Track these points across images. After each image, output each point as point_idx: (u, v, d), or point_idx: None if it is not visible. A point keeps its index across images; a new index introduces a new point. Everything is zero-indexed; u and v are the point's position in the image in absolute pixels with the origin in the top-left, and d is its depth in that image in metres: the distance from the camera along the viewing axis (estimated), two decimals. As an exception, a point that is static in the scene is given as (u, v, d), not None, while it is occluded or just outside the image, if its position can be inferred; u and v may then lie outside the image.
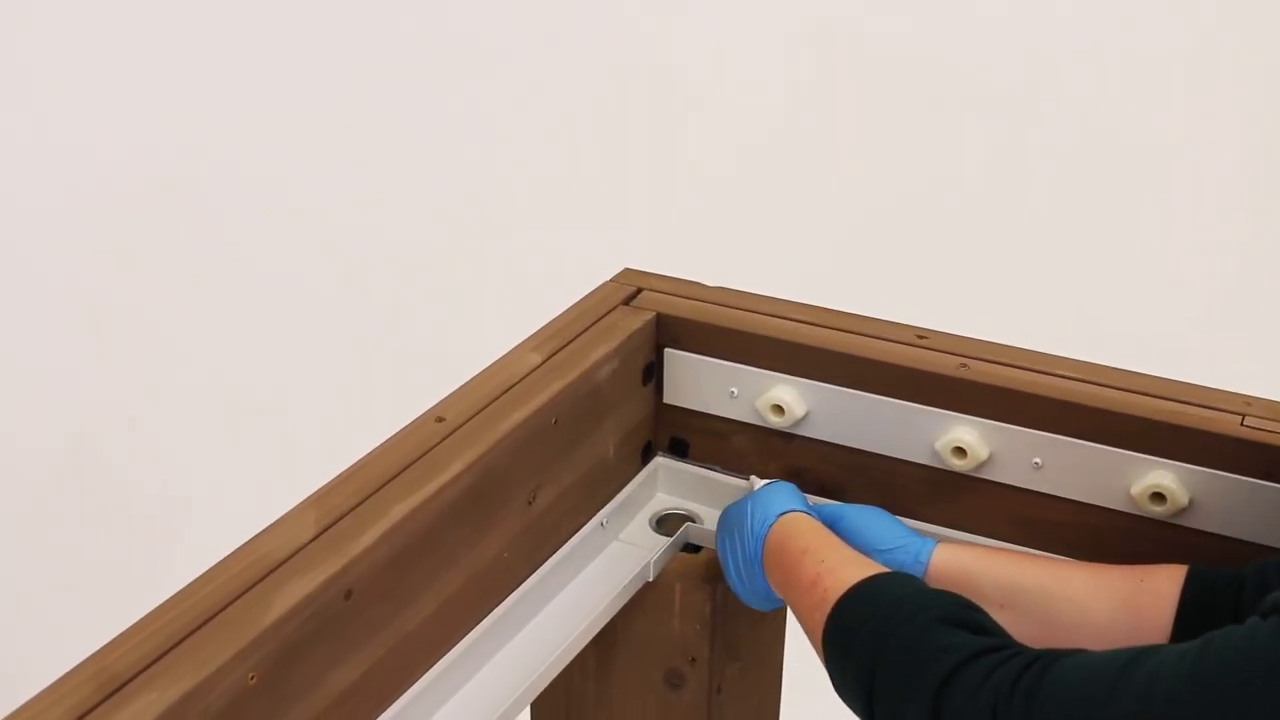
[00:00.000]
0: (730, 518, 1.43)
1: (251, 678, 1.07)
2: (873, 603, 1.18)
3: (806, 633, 1.25)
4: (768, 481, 1.48)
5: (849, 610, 1.19)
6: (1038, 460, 1.42)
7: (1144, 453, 1.37)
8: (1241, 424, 1.35)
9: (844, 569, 1.24)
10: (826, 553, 1.29)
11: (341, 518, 1.20)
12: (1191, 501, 1.36)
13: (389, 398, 1.54)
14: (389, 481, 1.24)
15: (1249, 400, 1.38)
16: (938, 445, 1.44)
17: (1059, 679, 1.03)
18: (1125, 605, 1.28)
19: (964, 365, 1.44)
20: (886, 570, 1.23)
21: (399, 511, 1.21)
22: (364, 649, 1.19)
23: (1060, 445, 1.40)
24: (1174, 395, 1.40)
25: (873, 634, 1.14)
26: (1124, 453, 1.38)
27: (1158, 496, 1.37)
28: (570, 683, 1.60)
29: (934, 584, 1.31)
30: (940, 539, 1.39)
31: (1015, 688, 1.03)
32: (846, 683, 1.16)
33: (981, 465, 1.43)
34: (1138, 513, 1.39)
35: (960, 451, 1.43)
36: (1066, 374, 1.43)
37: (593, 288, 1.59)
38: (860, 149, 4.10)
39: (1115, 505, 1.40)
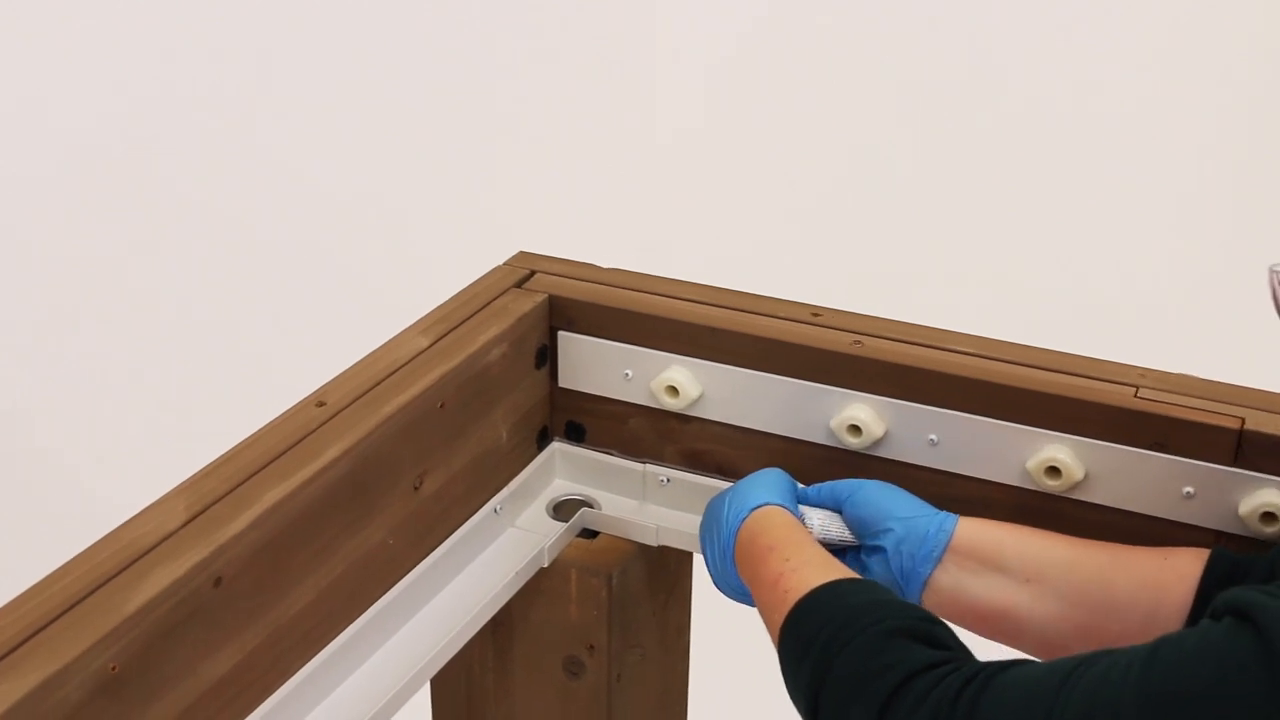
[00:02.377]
0: (711, 508, 1.39)
1: (113, 667, 1.04)
2: (829, 610, 1.15)
3: (768, 630, 1.22)
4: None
5: (806, 615, 1.16)
6: (934, 437, 1.40)
7: (1039, 427, 1.36)
8: (1135, 395, 1.34)
9: (807, 569, 1.21)
10: (792, 551, 1.25)
11: (213, 504, 1.17)
12: (1087, 475, 1.35)
13: (279, 385, 1.51)
14: (263, 467, 1.21)
15: (1143, 372, 1.37)
16: (833, 424, 1.42)
17: (999, 694, 1.00)
18: (1147, 584, 1.25)
19: (858, 342, 1.42)
20: (849, 576, 1.19)
21: (272, 497, 1.18)
22: (237, 638, 1.16)
23: (956, 421, 1.39)
24: (1068, 368, 1.38)
25: (826, 643, 1.11)
26: (1019, 427, 1.37)
27: (1053, 471, 1.35)
28: (470, 675, 1.57)
29: (959, 555, 1.30)
30: None
31: (956, 703, 1.01)
32: (798, 686, 1.13)
33: (877, 443, 1.42)
34: (1034, 487, 1.37)
35: (855, 429, 1.41)
36: (961, 349, 1.41)
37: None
38: (773, 133, 4.11)
39: (1012, 480, 1.38)
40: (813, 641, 1.12)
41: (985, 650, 1.14)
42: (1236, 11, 4.19)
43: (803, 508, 1.36)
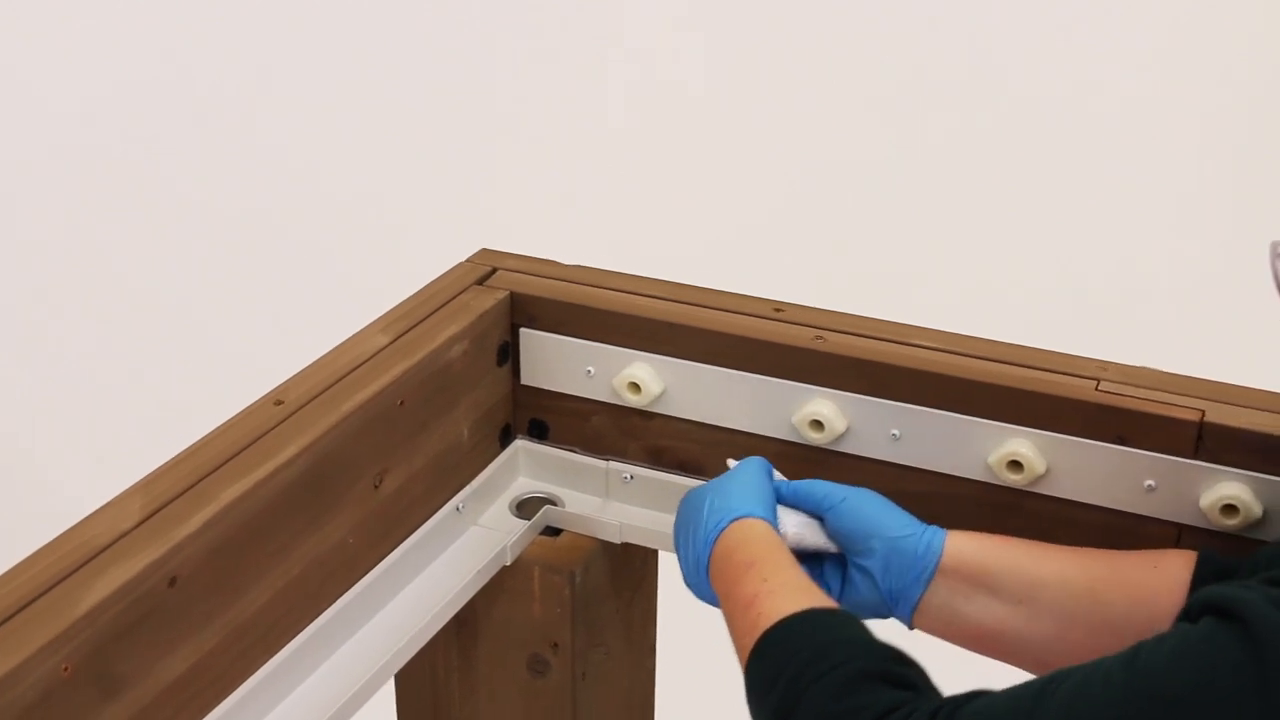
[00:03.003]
0: (687, 511, 1.34)
1: (65, 668, 1.03)
2: (799, 644, 1.11)
3: (736, 651, 1.19)
4: (740, 462, 1.38)
5: (775, 646, 1.12)
6: (896, 432, 1.40)
7: (1001, 421, 1.35)
8: (1096, 389, 1.34)
9: (783, 594, 1.17)
10: (770, 571, 1.21)
11: (168, 503, 1.16)
12: (1049, 469, 1.34)
13: (238, 383, 1.50)
14: (220, 465, 1.20)
15: (1104, 365, 1.37)
16: (795, 419, 1.42)
17: None
18: (1141, 598, 1.23)
19: (820, 338, 1.42)
20: (824, 606, 1.15)
21: (229, 496, 1.17)
22: (194, 638, 1.15)
23: (918, 416, 1.39)
24: (1030, 362, 1.38)
25: (792, 679, 1.08)
26: (981, 421, 1.36)
27: (1015, 465, 1.35)
28: (434, 674, 1.57)
29: (949, 577, 1.27)
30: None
31: None
32: (763, 714, 1.11)
33: (839, 438, 1.41)
34: (996, 482, 1.37)
35: (818, 425, 1.41)
36: (923, 343, 1.41)
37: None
38: (735, 129, 4.11)
39: (974, 475, 1.38)
40: (779, 675, 1.09)
41: (985, 667, 1.13)
42: (1236, 11, 4.20)
43: (779, 509, 1.33)
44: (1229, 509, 1.27)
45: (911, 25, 4.25)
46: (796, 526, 1.33)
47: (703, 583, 1.30)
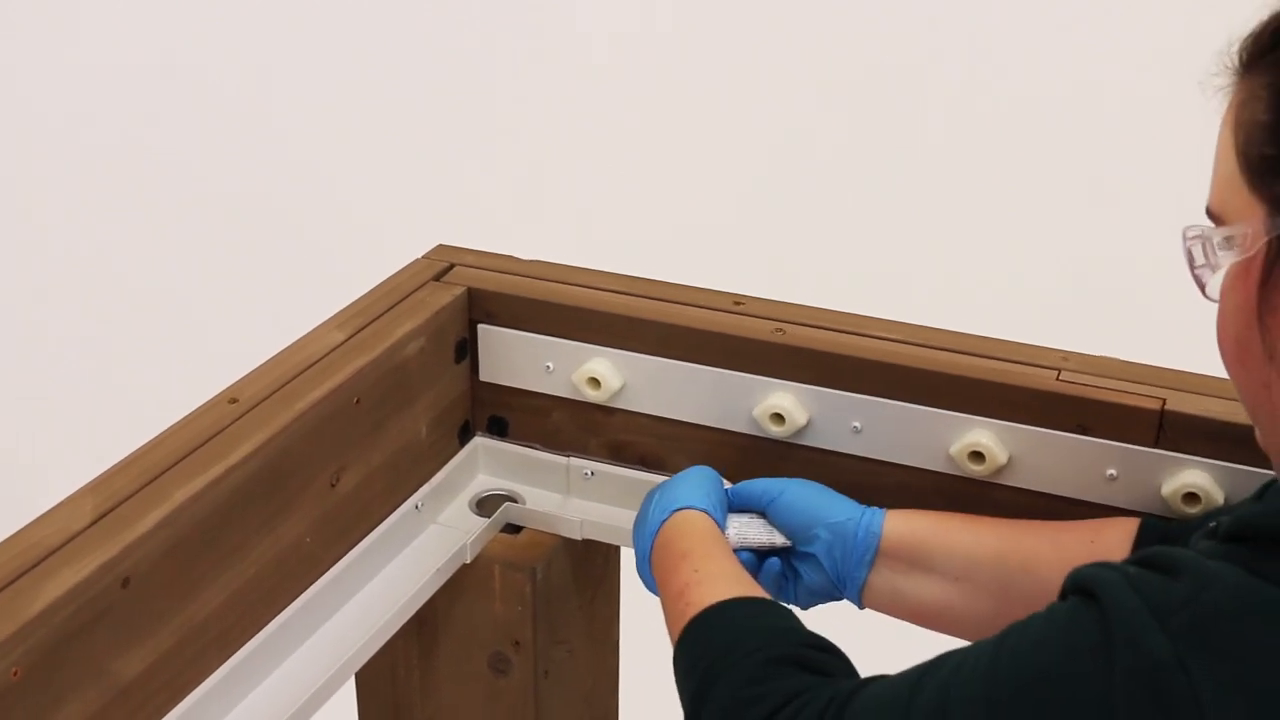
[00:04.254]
0: (641, 507, 1.37)
1: (14, 672, 1.01)
2: (720, 631, 1.13)
3: (671, 642, 1.20)
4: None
5: (698, 633, 1.15)
6: (857, 424, 1.39)
7: (962, 412, 1.35)
8: (1057, 379, 1.33)
9: (710, 584, 1.19)
10: (702, 561, 1.23)
11: (121, 503, 1.14)
12: (1010, 459, 1.34)
13: (192, 381, 1.49)
14: (173, 465, 1.19)
15: (1065, 355, 1.37)
16: (755, 412, 1.41)
17: (856, 712, 1.00)
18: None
19: (780, 330, 1.41)
20: (749, 595, 1.17)
21: (182, 495, 1.15)
22: (149, 639, 1.14)
23: (879, 408, 1.38)
24: (990, 353, 1.38)
25: (708, 668, 1.10)
26: (942, 412, 1.36)
27: (976, 455, 1.34)
28: (395, 674, 1.55)
29: (889, 557, 1.29)
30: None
31: None
32: (683, 703, 1.13)
33: (800, 431, 1.40)
34: (958, 473, 1.36)
35: (779, 418, 1.40)
36: (883, 335, 1.40)
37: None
38: (694, 123, 4.11)
39: (936, 466, 1.37)
40: (697, 663, 1.11)
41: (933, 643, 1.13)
42: (1234, 11, 4.22)
43: (729, 515, 1.34)
44: (1190, 497, 1.27)
45: (830, 14, 4.25)
46: (738, 526, 1.34)
47: (649, 574, 1.32)
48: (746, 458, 1.43)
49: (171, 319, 3.60)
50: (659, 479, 1.46)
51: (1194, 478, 1.27)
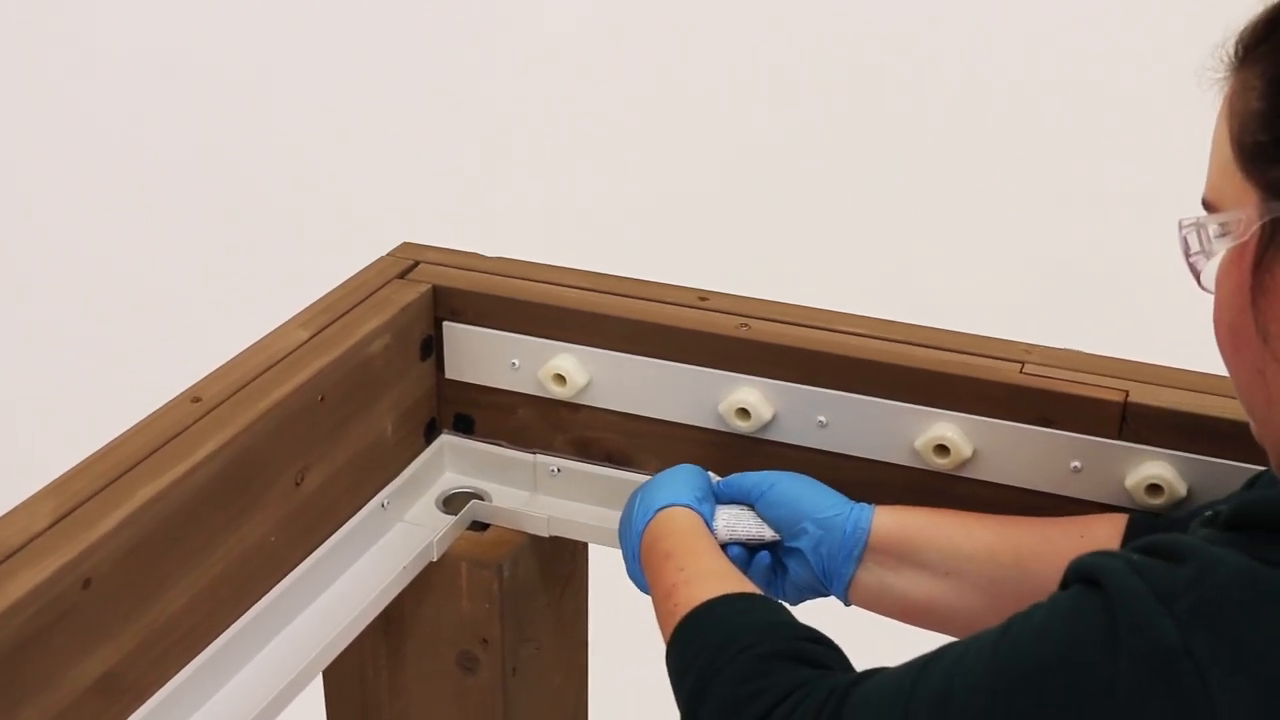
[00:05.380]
0: (626, 506, 1.36)
1: (-25, 674, 1.01)
2: (712, 629, 1.13)
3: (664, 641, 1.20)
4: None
5: (690, 631, 1.14)
6: (822, 418, 1.39)
7: (927, 405, 1.35)
8: (1021, 371, 1.33)
9: (699, 582, 1.18)
10: (688, 560, 1.23)
11: (82, 504, 1.14)
12: (975, 452, 1.34)
13: (154, 381, 1.48)
14: (135, 465, 1.18)
15: (1028, 348, 1.37)
16: (721, 408, 1.41)
17: (856, 705, 0.99)
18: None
19: (745, 325, 1.41)
20: (740, 591, 1.17)
21: (144, 495, 1.15)
22: (112, 640, 1.13)
23: (844, 402, 1.38)
24: (954, 346, 1.38)
25: (704, 665, 1.09)
26: (907, 406, 1.36)
27: (942, 449, 1.35)
28: (363, 673, 1.55)
29: (878, 552, 1.28)
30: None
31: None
32: (679, 703, 1.12)
33: (766, 426, 1.40)
34: (923, 466, 1.37)
35: (744, 413, 1.40)
36: (848, 330, 1.40)
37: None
38: (659, 117, 4.11)
39: (901, 460, 1.38)
40: (692, 663, 1.11)
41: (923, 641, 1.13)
42: (1232, 11, 4.24)
43: (717, 507, 1.34)
44: (1154, 488, 1.28)
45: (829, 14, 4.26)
46: (727, 519, 1.33)
47: (638, 574, 1.32)
48: (713, 453, 1.43)
49: (132, 317, 3.58)
50: (625, 475, 1.47)
51: (1157, 469, 1.27)
